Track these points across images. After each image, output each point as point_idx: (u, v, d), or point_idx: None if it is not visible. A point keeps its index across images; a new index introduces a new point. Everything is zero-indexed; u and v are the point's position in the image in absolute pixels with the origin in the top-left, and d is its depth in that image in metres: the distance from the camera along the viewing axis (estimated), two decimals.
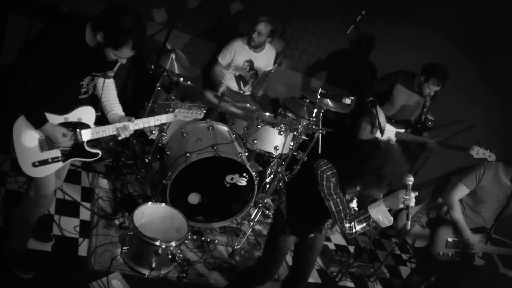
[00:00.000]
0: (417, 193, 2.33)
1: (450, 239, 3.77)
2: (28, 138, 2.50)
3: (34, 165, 2.55)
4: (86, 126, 2.63)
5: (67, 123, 2.56)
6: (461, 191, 3.72)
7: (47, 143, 2.55)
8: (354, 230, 2.44)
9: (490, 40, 5.18)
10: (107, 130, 2.66)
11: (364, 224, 2.42)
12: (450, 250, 3.78)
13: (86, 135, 2.63)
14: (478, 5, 5.00)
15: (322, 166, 2.49)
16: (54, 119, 2.51)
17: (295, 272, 3.10)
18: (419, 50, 5.28)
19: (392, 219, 2.40)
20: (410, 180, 2.36)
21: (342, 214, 2.46)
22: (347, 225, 2.45)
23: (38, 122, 2.45)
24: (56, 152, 2.60)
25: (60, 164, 2.65)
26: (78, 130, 2.61)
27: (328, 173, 2.47)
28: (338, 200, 2.47)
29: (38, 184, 2.66)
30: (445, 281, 4.01)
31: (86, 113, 2.61)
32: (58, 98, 2.49)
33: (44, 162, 2.57)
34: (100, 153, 2.76)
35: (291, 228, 2.77)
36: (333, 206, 2.47)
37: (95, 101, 2.72)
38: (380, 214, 2.38)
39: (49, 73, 2.35)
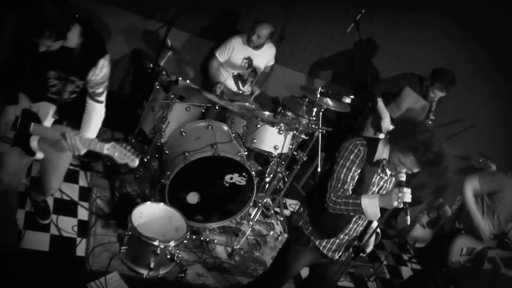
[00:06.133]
0: (409, 190, 2.31)
1: (465, 247, 3.76)
2: (8, 111, 2.52)
3: None
4: (38, 121, 2.56)
5: (29, 111, 2.54)
6: (475, 184, 3.66)
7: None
8: (337, 207, 2.44)
9: (492, 40, 5.17)
10: (49, 132, 2.55)
11: (350, 208, 2.41)
12: (463, 257, 3.77)
13: (32, 128, 2.55)
14: (480, 6, 4.99)
15: (358, 145, 2.46)
16: (24, 103, 2.53)
17: None
18: (420, 49, 5.27)
19: (379, 215, 2.38)
20: (403, 176, 2.37)
21: (339, 186, 2.45)
22: (334, 198, 2.44)
23: (7, 101, 2.47)
24: (11, 134, 2.57)
25: (8, 147, 2.59)
26: (31, 122, 2.55)
27: (356, 150, 2.45)
28: (347, 176, 2.45)
29: None
30: (446, 282, 4.00)
31: (44, 109, 2.55)
32: (30, 84, 2.49)
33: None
34: (37, 155, 2.61)
35: (315, 240, 2.68)
36: (337, 173, 2.46)
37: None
38: (370, 207, 2.36)
39: (19, 51, 2.37)
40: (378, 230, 2.72)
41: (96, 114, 2.68)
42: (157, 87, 3.85)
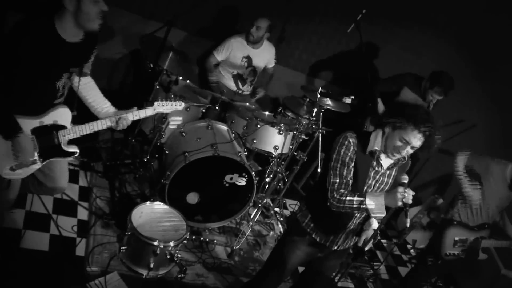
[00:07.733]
0: (414, 193, 2.30)
1: (457, 238, 3.77)
2: (2, 144, 2.46)
3: (11, 169, 2.56)
4: (63, 127, 2.63)
5: (43, 127, 2.54)
6: (465, 157, 3.77)
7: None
8: (341, 205, 2.42)
9: (491, 41, 5.17)
10: (95, 126, 2.68)
11: (354, 205, 2.39)
12: (456, 249, 3.78)
13: (63, 136, 2.63)
14: (479, 7, 4.99)
15: (348, 137, 2.47)
16: (29, 123, 2.49)
17: None
18: (420, 50, 5.27)
19: (384, 213, 2.37)
20: (405, 178, 2.36)
21: (338, 183, 2.45)
22: (337, 196, 2.43)
23: (8, 133, 2.42)
24: (34, 155, 2.58)
25: (38, 165, 2.66)
26: (54, 132, 2.60)
27: (347, 142, 2.46)
28: (343, 170, 2.45)
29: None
30: (446, 282, 4.00)
31: (62, 114, 2.60)
32: (35, 102, 2.48)
33: (21, 165, 2.57)
34: (78, 150, 2.76)
35: (315, 237, 2.69)
36: (333, 169, 2.46)
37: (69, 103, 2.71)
38: (375, 204, 2.35)
39: (26, 74, 2.33)
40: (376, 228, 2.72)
41: (94, 84, 2.78)
42: (157, 87, 3.85)
